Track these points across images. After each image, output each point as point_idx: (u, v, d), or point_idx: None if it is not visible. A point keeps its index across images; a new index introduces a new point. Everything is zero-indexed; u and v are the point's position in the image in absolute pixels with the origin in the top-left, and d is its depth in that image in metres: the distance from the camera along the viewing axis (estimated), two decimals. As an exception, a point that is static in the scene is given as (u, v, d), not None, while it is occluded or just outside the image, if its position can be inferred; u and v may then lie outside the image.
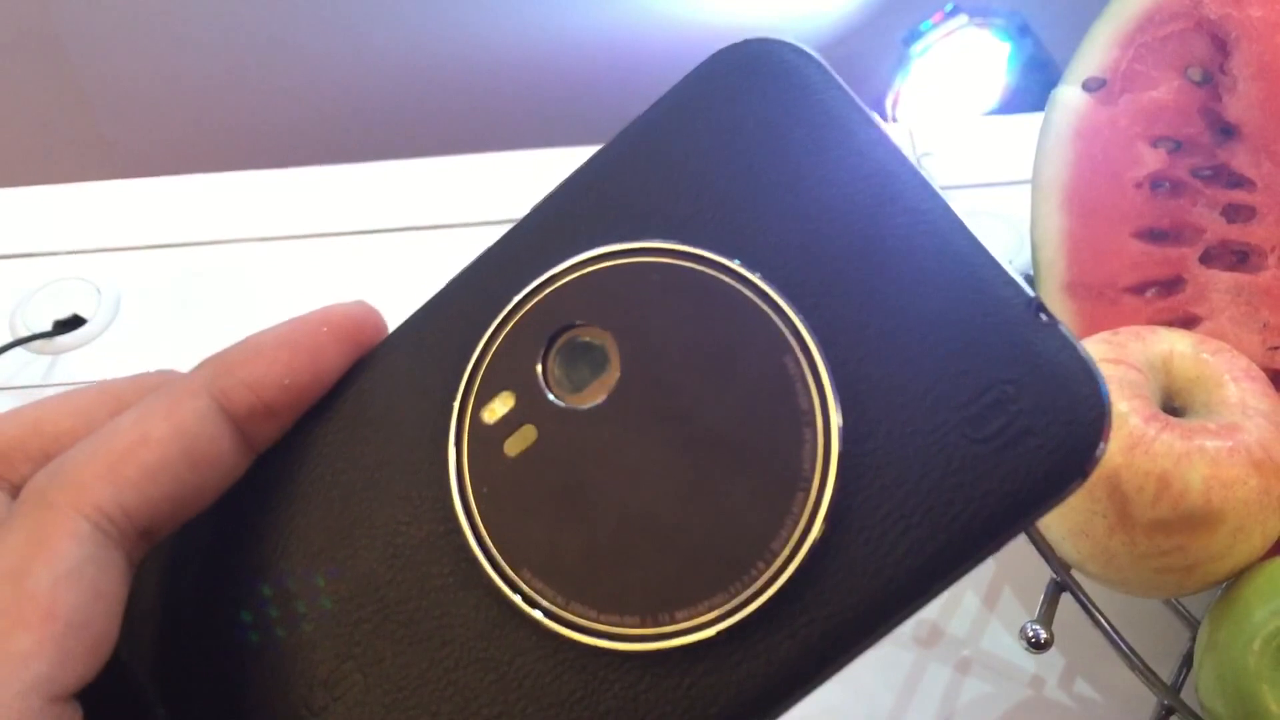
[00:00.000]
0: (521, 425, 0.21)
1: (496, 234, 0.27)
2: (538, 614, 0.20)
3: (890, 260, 0.20)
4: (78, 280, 0.66)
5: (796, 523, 0.19)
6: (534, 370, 0.21)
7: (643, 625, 0.20)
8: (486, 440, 0.21)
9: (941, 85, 1.41)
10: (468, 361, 0.22)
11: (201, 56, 1.36)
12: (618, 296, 0.21)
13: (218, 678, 0.22)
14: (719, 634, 0.19)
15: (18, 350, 0.63)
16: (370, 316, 0.23)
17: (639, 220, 0.21)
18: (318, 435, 0.22)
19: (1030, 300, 0.19)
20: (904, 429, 0.19)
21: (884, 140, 0.20)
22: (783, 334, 0.20)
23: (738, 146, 0.20)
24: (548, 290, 0.22)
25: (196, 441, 0.21)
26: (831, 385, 0.19)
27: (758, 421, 0.20)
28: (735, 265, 0.20)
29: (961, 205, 0.64)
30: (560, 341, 0.21)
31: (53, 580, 0.18)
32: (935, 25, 1.44)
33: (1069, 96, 0.50)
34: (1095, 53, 0.51)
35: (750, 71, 0.21)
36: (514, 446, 0.21)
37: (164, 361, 0.64)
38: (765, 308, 0.20)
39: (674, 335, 0.20)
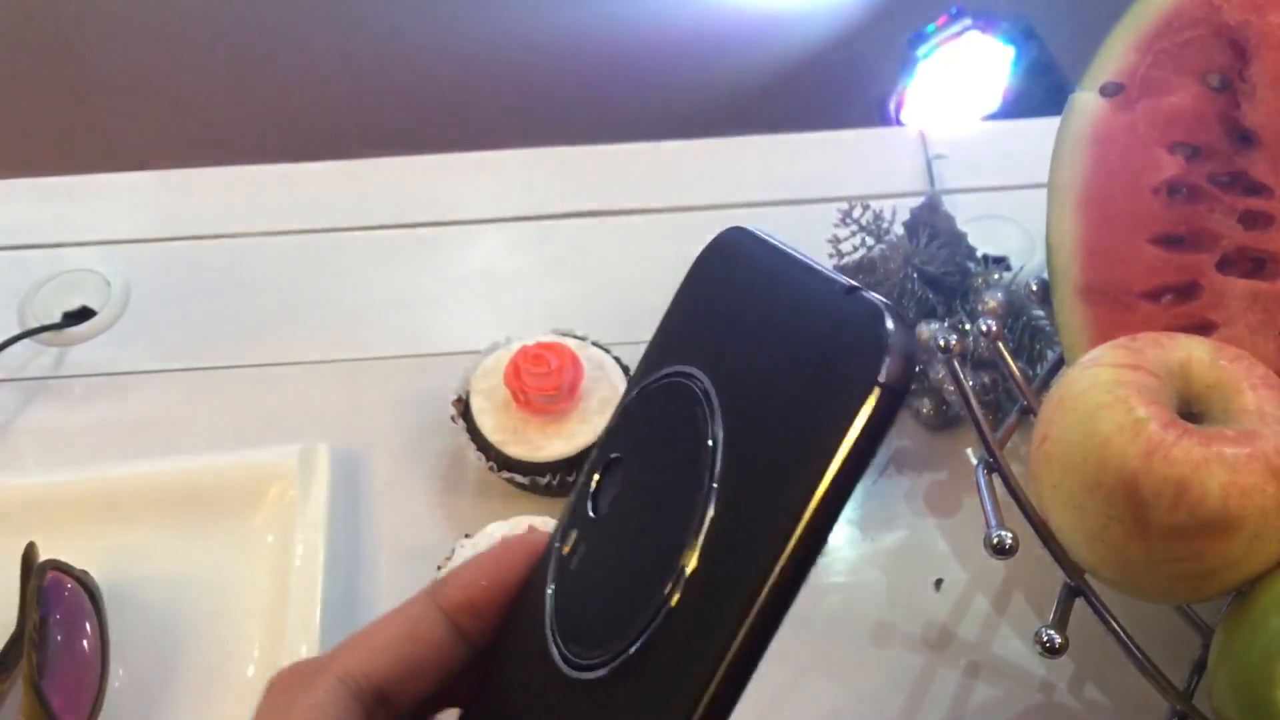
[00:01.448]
0: (577, 544, 0.28)
1: (513, 230, 0.28)
2: (570, 670, 0.26)
3: (779, 330, 0.26)
4: (86, 272, 0.66)
5: (702, 521, 0.24)
6: (586, 502, 0.28)
7: (609, 650, 0.25)
8: (563, 565, 0.28)
9: (945, 88, 1.41)
10: (562, 520, 0.29)
11: (211, 50, 1.36)
12: (628, 424, 0.29)
13: None
14: (655, 631, 0.25)
15: (26, 342, 0.62)
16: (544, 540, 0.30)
17: (658, 363, 0.28)
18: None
19: (843, 286, 0.24)
20: (766, 420, 0.25)
21: (794, 263, 0.26)
22: (697, 393, 0.26)
23: (713, 300, 0.28)
24: (603, 441, 0.29)
25: (417, 626, 0.29)
26: (720, 416, 0.25)
27: (683, 466, 0.25)
28: (684, 368, 0.27)
29: (973, 209, 0.64)
30: (600, 475, 0.28)
31: (302, 710, 0.27)
32: (940, 28, 1.43)
33: (1086, 101, 0.50)
34: (1113, 58, 0.51)
35: (720, 252, 0.28)
36: (572, 561, 0.28)
37: (171, 354, 0.63)
38: (694, 386, 0.26)
39: (650, 431, 0.28)
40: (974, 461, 0.58)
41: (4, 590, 0.52)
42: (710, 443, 0.25)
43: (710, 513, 0.24)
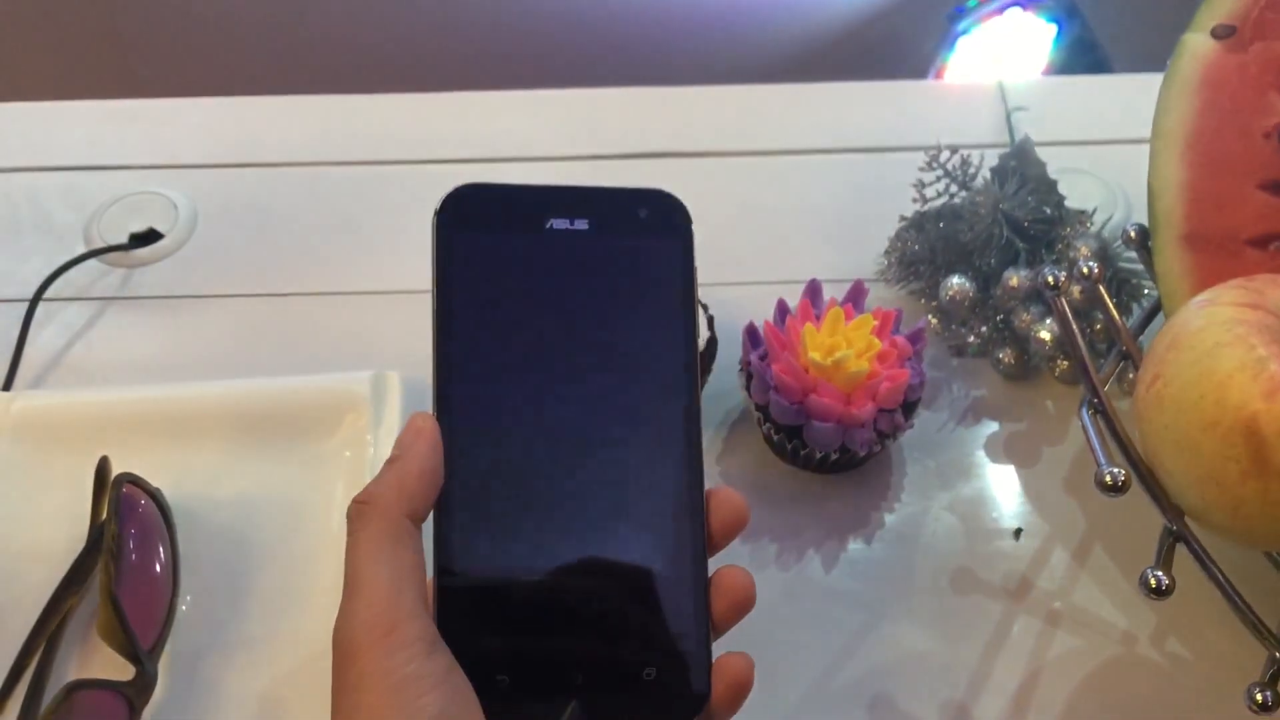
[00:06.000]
0: None
1: (583, 168, 0.27)
2: None
3: None
4: (154, 195, 0.65)
5: None
6: None
7: None
8: None
9: (985, 64, 1.40)
10: None
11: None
12: None
13: None
14: None
15: (93, 262, 0.61)
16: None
17: None
18: None
19: None
20: None
21: None
22: None
23: None
24: None
25: (426, 463, 0.36)
26: None
27: None
28: None
29: (1053, 162, 0.62)
30: None
31: (410, 556, 0.35)
32: (982, 3, 1.42)
33: (1196, 43, 0.49)
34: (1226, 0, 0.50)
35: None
36: None
37: (237, 279, 0.62)
38: None
39: None
40: (1052, 411, 0.58)
41: (74, 507, 0.51)
42: None
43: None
